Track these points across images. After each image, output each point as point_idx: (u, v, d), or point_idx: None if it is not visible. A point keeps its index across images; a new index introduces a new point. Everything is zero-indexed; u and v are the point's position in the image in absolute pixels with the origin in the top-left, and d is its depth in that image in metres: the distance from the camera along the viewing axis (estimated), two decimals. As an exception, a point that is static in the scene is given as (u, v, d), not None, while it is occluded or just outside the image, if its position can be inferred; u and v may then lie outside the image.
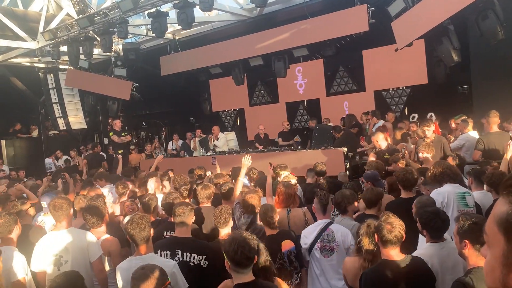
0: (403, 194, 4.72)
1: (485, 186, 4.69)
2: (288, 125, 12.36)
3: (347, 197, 4.34)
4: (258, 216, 4.44)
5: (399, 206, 4.32)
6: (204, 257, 3.70)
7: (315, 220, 4.35)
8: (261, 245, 3.07)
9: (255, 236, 2.97)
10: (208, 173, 7.23)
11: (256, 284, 2.77)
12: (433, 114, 9.52)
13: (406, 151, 6.60)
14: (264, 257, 3.04)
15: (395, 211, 3.39)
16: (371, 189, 4.73)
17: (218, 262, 3.32)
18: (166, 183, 6.45)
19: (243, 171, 5.29)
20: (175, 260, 3.61)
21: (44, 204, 5.87)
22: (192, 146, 12.77)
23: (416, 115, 9.47)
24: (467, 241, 2.71)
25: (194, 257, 3.71)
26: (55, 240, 3.98)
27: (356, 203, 4.46)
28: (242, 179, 5.26)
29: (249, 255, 2.71)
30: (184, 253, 3.72)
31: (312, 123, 11.53)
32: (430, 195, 4.30)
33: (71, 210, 4.24)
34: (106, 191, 6.85)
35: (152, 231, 3.50)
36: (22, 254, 3.92)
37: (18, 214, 4.92)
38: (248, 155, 5.33)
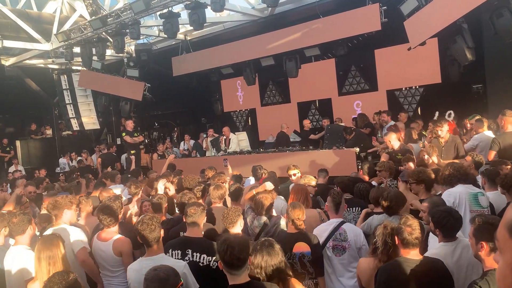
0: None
1: (499, 187, 4.61)
2: (309, 123, 12.42)
3: (402, 198, 4.37)
4: (272, 218, 4.43)
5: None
6: (214, 258, 3.68)
7: None
8: (277, 246, 3.03)
9: (255, 238, 2.92)
10: (227, 179, 6.63)
11: (250, 286, 2.71)
12: (452, 112, 9.33)
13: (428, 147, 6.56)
14: (279, 258, 2.98)
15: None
16: (377, 188, 4.78)
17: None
18: (169, 185, 6.34)
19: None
20: (186, 260, 3.61)
21: None
22: (204, 146, 12.80)
23: (437, 113, 9.28)
24: (483, 243, 2.66)
25: (203, 257, 3.70)
26: None
27: None
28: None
29: (238, 255, 2.64)
30: (194, 253, 3.72)
31: (327, 121, 11.46)
32: (442, 196, 4.26)
33: (64, 210, 4.48)
34: (118, 191, 6.83)
35: (162, 232, 3.49)
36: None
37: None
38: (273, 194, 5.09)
